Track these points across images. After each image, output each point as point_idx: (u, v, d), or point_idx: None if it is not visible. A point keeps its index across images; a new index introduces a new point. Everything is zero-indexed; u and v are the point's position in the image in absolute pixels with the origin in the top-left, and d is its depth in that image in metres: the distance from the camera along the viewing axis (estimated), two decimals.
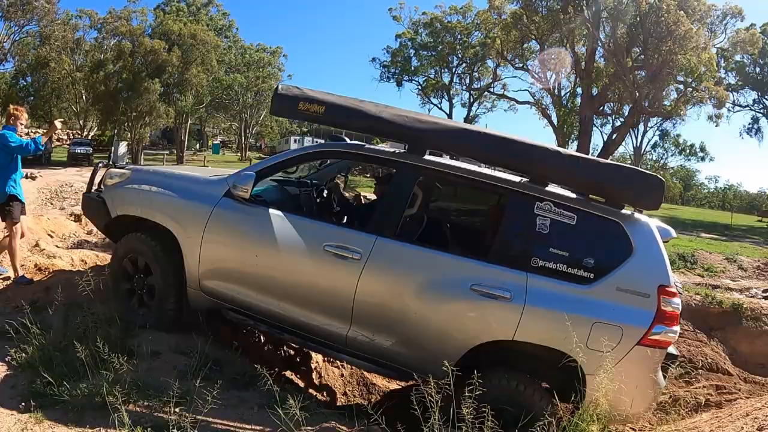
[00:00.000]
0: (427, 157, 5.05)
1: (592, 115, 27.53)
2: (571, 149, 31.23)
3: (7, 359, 4.64)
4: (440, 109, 53.62)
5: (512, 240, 4.75)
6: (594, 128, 33.65)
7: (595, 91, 27.11)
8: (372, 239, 4.69)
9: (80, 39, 50.23)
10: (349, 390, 6.82)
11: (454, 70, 51.00)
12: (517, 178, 4.85)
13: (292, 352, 6.67)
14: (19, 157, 6.68)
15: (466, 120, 51.90)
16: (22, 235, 6.87)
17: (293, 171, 5.98)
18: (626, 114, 29.15)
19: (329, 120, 5.21)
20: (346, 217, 6.35)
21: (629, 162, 71.04)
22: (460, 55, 49.11)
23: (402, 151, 5.09)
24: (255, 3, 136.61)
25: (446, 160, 5.24)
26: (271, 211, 4.98)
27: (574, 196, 4.74)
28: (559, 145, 30.72)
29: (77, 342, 4.28)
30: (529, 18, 29.03)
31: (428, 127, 4.81)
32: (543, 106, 35.21)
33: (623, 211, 4.64)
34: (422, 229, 5.35)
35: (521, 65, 34.98)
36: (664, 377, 4.72)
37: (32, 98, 50.44)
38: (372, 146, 5.44)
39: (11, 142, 6.42)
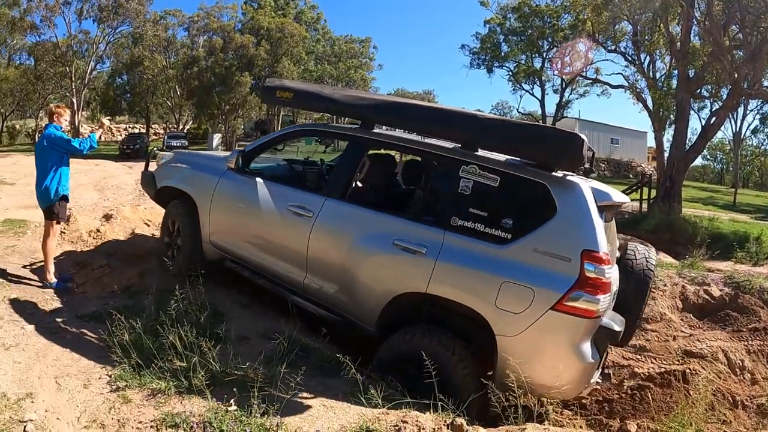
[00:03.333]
0: (377, 130, 5.73)
1: (689, 98, 26.02)
2: (668, 134, 30.03)
3: (99, 341, 4.82)
4: (532, 95, 52.50)
5: (436, 200, 5.04)
6: (691, 112, 31.87)
7: (691, 73, 25.69)
8: (322, 200, 5.39)
9: (171, 37, 52.27)
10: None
11: (545, 54, 49.52)
12: (451, 145, 5.13)
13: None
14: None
15: (559, 106, 50.55)
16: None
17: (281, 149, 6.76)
18: (725, 97, 27.58)
19: (298, 104, 6.64)
20: None
21: (728, 148, 67.81)
22: (550, 40, 47.69)
23: (356, 126, 5.82)
24: None
25: (396, 132, 5.78)
26: (257, 179, 5.88)
27: (504, 159, 4.82)
28: (655, 131, 29.72)
29: (168, 326, 4.39)
30: None
31: (365, 103, 5.58)
32: (637, 90, 33.63)
33: (555, 173, 4.60)
34: (367, 192, 5.85)
35: (613, 47, 33.55)
36: (600, 354, 4.50)
37: (129, 95, 53.01)
38: (334, 124, 6.40)
39: (67, 141, 6.40)
